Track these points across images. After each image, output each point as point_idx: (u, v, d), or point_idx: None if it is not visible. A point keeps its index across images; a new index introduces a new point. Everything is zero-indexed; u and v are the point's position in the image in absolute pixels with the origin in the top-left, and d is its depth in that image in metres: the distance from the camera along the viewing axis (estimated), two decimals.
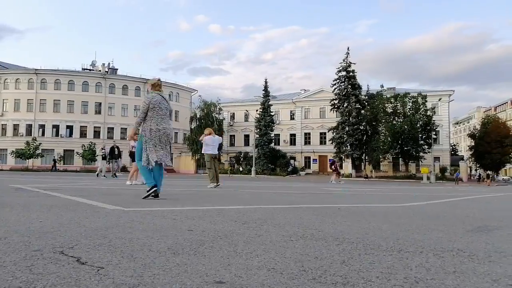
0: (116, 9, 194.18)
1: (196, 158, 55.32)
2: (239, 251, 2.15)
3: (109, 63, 63.29)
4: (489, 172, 50.42)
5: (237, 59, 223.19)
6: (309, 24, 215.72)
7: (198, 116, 56.12)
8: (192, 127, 56.34)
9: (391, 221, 3.87)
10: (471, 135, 55.82)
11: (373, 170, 47.79)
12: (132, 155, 11.73)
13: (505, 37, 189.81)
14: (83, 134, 57.93)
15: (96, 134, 58.47)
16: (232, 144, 62.53)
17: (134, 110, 60.06)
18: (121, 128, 59.38)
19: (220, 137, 11.46)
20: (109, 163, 21.05)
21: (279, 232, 2.84)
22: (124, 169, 47.64)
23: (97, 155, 48.64)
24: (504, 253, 2.33)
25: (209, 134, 10.91)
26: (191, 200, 6.02)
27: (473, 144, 54.36)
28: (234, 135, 62.85)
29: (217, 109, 57.78)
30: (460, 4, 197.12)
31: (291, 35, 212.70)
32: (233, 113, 63.03)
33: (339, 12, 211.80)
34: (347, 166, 48.76)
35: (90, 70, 62.02)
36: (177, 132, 64.98)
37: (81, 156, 52.39)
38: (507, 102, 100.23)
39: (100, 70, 61.57)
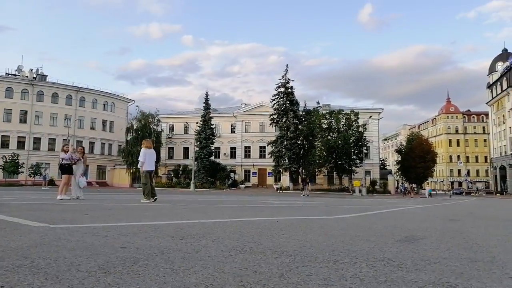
0: (88, 11, 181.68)
1: (132, 171, 53.11)
2: (176, 268, 2.07)
3: (37, 69, 59.11)
4: (413, 185, 54.44)
5: (201, 71, 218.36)
6: (272, 42, 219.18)
7: (135, 127, 54.09)
8: (128, 138, 54.11)
9: (327, 233, 3.99)
10: (398, 151, 59.99)
11: (309, 183, 49.33)
12: (62, 167, 11.01)
13: (460, 60, 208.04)
14: (4, 144, 53.06)
15: (20, 144, 53.91)
16: (170, 156, 61.08)
17: (64, 119, 56.44)
18: (49, 138, 55.41)
19: (154, 150, 10.95)
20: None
21: (218, 247, 2.79)
22: (51, 183, 44.43)
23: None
24: (428, 261, 2.50)
25: (148, 147, 10.44)
26: (125, 216, 5.74)
27: (399, 159, 58.40)
28: (173, 148, 61.50)
29: (156, 120, 56.25)
30: (427, 28, 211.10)
31: (257, 50, 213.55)
32: (172, 125, 61.77)
33: (307, 30, 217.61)
34: (285, 179, 49.82)
35: (15, 75, 57.37)
36: (111, 144, 62.09)
37: (1, 168, 47.93)
38: (429, 121, 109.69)
39: (27, 76, 57.22)
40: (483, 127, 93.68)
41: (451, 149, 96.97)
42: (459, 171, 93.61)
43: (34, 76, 57.71)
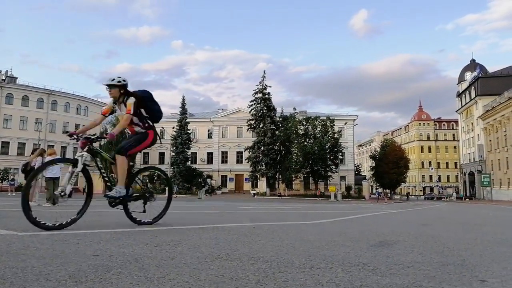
0: (77, 12, 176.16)
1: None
2: (150, 276, 2.03)
3: (7, 71, 57.18)
4: (387, 190, 55.63)
5: (187, 76, 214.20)
6: (261, 48, 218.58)
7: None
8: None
9: (303, 238, 4.01)
10: (372, 157, 61.21)
11: (286, 189, 49.57)
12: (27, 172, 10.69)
13: (444, 68, 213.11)
14: None
15: None
16: (145, 162, 60.11)
17: (35, 123, 54.71)
18: (19, 143, 53.54)
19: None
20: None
21: (193, 254, 2.75)
22: (20, 189, 42.78)
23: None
24: (402, 265, 2.55)
25: (52, 154, 10.88)
26: (98, 222, 5.59)
27: (373, 165, 59.58)
28: (148, 153, 60.55)
29: None
30: (415, 37, 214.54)
31: (244, 57, 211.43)
32: None
33: (296, 37, 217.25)
34: (262, 185, 49.91)
35: None
36: None
37: None
38: (401, 128, 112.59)
39: None
40: (453, 134, 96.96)
41: (423, 155, 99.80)
42: (430, 176, 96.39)
43: (3, 78, 55.77)
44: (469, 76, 72.21)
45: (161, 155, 58.99)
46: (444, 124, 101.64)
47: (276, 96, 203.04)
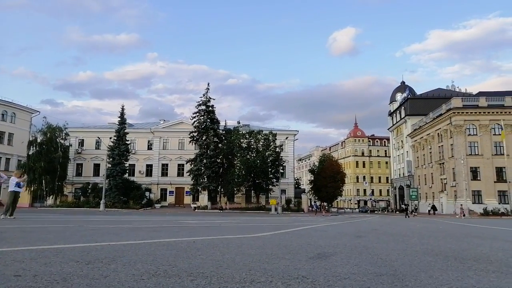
0: (53, 15, 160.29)
1: (33, 188, 48.03)
2: None
3: None
4: (325, 203, 57.55)
5: (151, 87, 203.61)
6: (238, 66, 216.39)
7: (38, 141, 49.32)
8: (30, 153, 49.14)
9: (244, 252, 3.98)
10: (311, 171, 63.16)
11: (227, 202, 49.30)
12: None
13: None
14: None
15: None
16: (79, 173, 56.61)
17: None
18: None
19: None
20: None
21: (129, 271, 2.61)
22: None
23: None
24: (339, 277, 2.62)
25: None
26: (23, 239, 5.13)
27: (312, 178, 61.45)
28: (82, 164, 57.13)
29: (63, 134, 51.97)
30: (379, 59, 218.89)
31: (209, 71, 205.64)
32: (83, 140, 57.55)
33: (266, 53, 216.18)
34: (204, 198, 49.23)
35: None
36: (9, 158, 55.75)
37: None
38: (338, 143, 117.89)
39: None
40: (385, 151, 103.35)
41: (358, 170, 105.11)
42: (364, 190, 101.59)
43: None
44: (399, 97, 77.77)
45: (96, 166, 55.94)
46: (377, 141, 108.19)
47: (241, 110, 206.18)
